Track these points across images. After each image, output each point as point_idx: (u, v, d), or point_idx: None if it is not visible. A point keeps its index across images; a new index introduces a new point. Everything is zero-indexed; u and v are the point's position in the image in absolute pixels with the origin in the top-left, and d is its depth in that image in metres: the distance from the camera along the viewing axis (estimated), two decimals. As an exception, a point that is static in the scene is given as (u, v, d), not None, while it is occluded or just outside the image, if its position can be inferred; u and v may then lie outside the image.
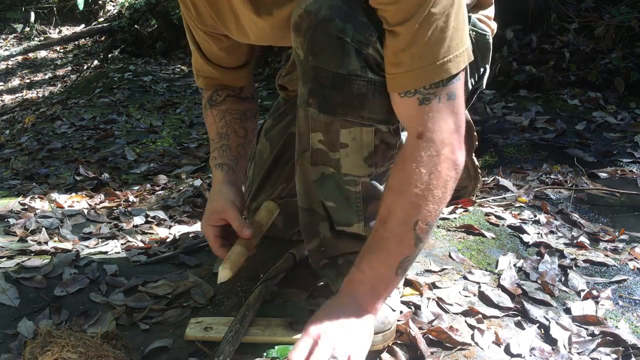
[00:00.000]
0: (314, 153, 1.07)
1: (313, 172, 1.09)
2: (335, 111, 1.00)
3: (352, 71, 0.97)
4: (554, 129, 2.46)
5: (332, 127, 1.02)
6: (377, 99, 0.99)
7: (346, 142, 1.03)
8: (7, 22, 8.00)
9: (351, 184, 1.07)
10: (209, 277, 1.38)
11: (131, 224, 1.81)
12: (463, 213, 1.69)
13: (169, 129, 3.39)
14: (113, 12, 7.27)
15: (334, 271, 1.18)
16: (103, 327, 1.17)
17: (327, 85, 0.98)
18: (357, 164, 1.05)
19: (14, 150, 3.22)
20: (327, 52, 0.96)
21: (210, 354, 1.10)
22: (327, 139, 1.04)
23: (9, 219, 1.84)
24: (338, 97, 0.99)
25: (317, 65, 0.98)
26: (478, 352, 1.12)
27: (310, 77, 0.99)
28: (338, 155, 1.05)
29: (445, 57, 0.94)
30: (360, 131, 1.02)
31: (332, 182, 1.08)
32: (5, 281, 1.34)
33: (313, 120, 1.04)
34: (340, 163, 1.06)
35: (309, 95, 1.01)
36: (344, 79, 0.97)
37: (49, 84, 5.77)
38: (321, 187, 1.09)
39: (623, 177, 2.06)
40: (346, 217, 1.11)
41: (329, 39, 0.96)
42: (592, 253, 1.54)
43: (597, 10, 3.25)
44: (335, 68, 0.96)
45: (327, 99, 0.99)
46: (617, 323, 1.26)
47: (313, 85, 1.00)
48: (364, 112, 1.00)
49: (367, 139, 1.03)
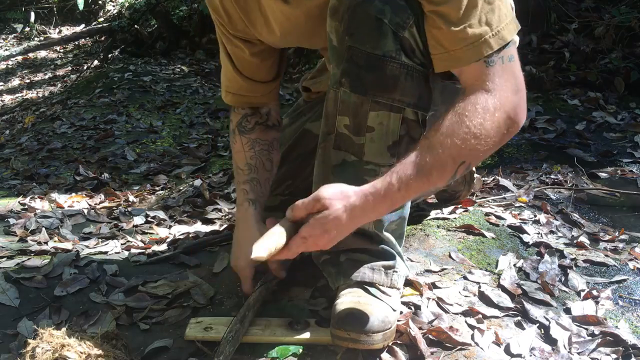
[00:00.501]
0: (337, 137, 1.09)
1: (334, 157, 1.11)
2: (366, 91, 1.02)
3: (387, 52, 0.99)
4: (554, 129, 2.45)
5: (361, 108, 1.04)
6: (409, 82, 1.02)
7: (373, 125, 1.05)
8: (7, 22, 8.01)
9: (371, 174, 1.08)
10: (209, 277, 1.38)
11: (131, 224, 1.82)
12: (463, 213, 1.69)
13: (169, 129, 3.39)
14: (113, 12, 7.27)
15: (335, 268, 1.18)
16: (103, 327, 1.17)
17: (362, 65, 1.01)
18: (380, 151, 1.07)
19: (14, 150, 3.23)
20: (364, 33, 0.99)
21: (210, 354, 1.10)
22: (353, 122, 1.06)
23: (9, 219, 1.84)
24: (371, 77, 1.01)
25: (353, 45, 1.00)
26: (478, 352, 1.12)
27: (345, 58, 1.02)
28: (363, 140, 1.07)
29: (499, 26, 0.98)
30: (388, 116, 1.04)
31: (352, 170, 1.09)
32: (5, 281, 1.34)
33: (342, 102, 1.06)
34: (364, 149, 1.07)
35: (342, 75, 1.03)
36: (378, 60, 0.99)
37: (49, 84, 5.77)
38: (340, 173, 1.10)
39: (623, 177, 2.06)
40: None
41: (367, 20, 0.98)
42: (592, 253, 1.54)
43: (597, 10, 3.24)
44: (371, 48, 0.99)
45: (360, 78, 1.02)
46: (617, 323, 1.26)
47: (347, 65, 1.02)
48: (395, 94, 1.02)
49: (394, 126, 1.05)
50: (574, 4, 3.36)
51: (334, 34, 1.04)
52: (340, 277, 1.16)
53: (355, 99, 1.04)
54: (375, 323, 1.05)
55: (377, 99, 1.03)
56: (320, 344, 1.12)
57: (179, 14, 5.98)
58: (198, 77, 4.89)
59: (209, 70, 5.24)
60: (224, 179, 2.31)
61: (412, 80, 1.02)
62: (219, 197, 2.04)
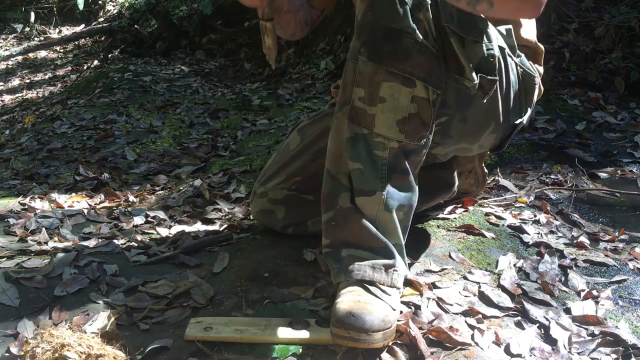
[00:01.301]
0: (352, 109, 1.15)
1: (348, 129, 1.16)
2: (382, 60, 1.10)
3: (403, 27, 1.09)
4: (554, 129, 2.45)
5: (375, 77, 1.11)
6: (421, 57, 1.11)
7: (384, 96, 1.12)
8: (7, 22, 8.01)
9: (380, 148, 1.14)
10: (209, 277, 1.38)
11: (131, 224, 1.82)
12: (463, 213, 1.69)
13: (169, 129, 3.39)
14: (113, 12, 7.28)
15: (337, 264, 1.19)
16: (103, 327, 1.17)
17: (380, 36, 1.10)
18: (389, 124, 1.13)
19: (14, 150, 3.23)
20: (384, 7, 1.09)
21: (211, 354, 1.10)
22: (368, 91, 1.12)
23: (9, 219, 1.84)
24: (387, 48, 1.10)
25: (375, 19, 1.10)
26: (478, 352, 1.12)
27: (366, 29, 1.11)
28: (374, 111, 1.13)
29: None
30: (399, 89, 1.11)
31: (363, 143, 1.15)
32: (5, 281, 1.34)
33: (359, 74, 1.13)
34: (375, 121, 1.13)
35: (361, 45, 1.12)
36: (395, 33, 1.09)
37: (49, 84, 5.77)
38: (352, 146, 1.16)
39: (623, 177, 2.06)
40: (370, 182, 1.15)
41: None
42: (592, 253, 1.54)
43: (597, 10, 3.24)
44: (389, 22, 1.09)
45: (377, 48, 1.11)
46: (617, 323, 1.26)
47: (367, 37, 1.12)
48: (406, 66, 1.10)
49: (404, 101, 1.12)
50: (574, 4, 3.36)
51: (360, 10, 1.13)
52: (341, 273, 1.17)
53: (371, 68, 1.11)
54: (375, 322, 1.06)
55: (390, 68, 1.10)
56: (320, 344, 1.12)
57: (179, 14, 5.98)
58: (198, 77, 4.89)
59: (209, 70, 5.24)
60: (224, 179, 2.31)
61: (424, 56, 1.11)
62: (219, 197, 2.04)
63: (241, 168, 2.43)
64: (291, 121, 3.25)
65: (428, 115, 1.15)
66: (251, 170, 2.37)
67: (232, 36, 5.60)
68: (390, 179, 1.16)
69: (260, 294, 1.30)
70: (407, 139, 1.15)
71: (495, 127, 1.35)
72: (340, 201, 1.18)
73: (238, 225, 1.69)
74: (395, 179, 1.17)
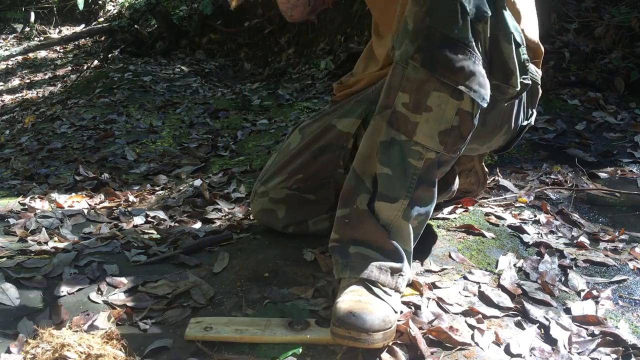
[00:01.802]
0: (393, 113, 1.13)
1: (385, 132, 1.14)
2: (435, 69, 1.08)
3: (462, 38, 1.07)
4: (554, 129, 2.45)
5: (425, 86, 1.09)
6: (475, 70, 1.09)
7: (432, 105, 1.10)
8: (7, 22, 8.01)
9: (416, 156, 1.13)
10: (209, 277, 1.38)
11: (131, 224, 1.81)
12: (463, 213, 1.69)
13: (169, 129, 3.39)
14: (113, 12, 7.28)
15: (343, 259, 1.18)
16: (103, 327, 1.17)
17: (437, 44, 1.07)
18: (431, 133, 1.11)
19: (14, 150, 3.22)
20: (445, 15, 1.06)
21: (211, 354, 1.10)
22: (414, 99, 1.10)
23: (9, 219, 1.84)
24: (442, 57, 1.07)
25: (432, 26, 1.07)
26: (478, 352, 1.12)
27: (423, 35, 1.08)
28: (418, 119, 1.11)
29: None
30: (447, 100, 1.09)
31: (398, 149, 1.13)
32: (5, 281, 1.34)
33: (407, 79, 1.10)
34: (417, 129, 1.11)
35: (415, 51, 1.08)
36: (453, 43, 1.06)
37: (49, 84, 5.77)
38: (385, 150, 1.14)
39: (623, 177, 2.06)
40: (396, 190, 1.15)
41: (450, 3, 1.05)
42: (592, 253, 1.54)
43: (597, 10, 3.24)
44: (447, 30, 1.06)
45: (432, 56, 1.07)
46: (617, 323, 1.26)
47: (423, 43, 1.08)
48: (459, 78, 1.08)
49: (449, 113, 1.10)
50: (574, 4, 3.36)
51: (411, 18, 1.10)
52: (346, 269, 1.17)
53: (422, 75, 1.08)
54: (376, 322, 1.06)
55: (443, 78, 1.08)
56: (320, 344, 1.12)
57: (179, 14, 5.98)
58: (198, 77, 4.89)
59: (209, 70, 5.24)
60: (224, 179, 2.31)
61: (477, 69, 1.09)
62: (219, 197, 2.04)
63: (241, 168, 2.43)
64: (291, 121, 3.25)
65: (468, 129, 1.14)
66: (251, 170, 2.37)
67: (232, 36, 5.60)
68: (417, 189, 1.15)
69: (260, 294, 1.30)
70: (445, 151, 1.14)
71: (507, 129, 1.36)
72: (358, 201, 1.17)
73: (238, 225, 1.69)
74: (421, 189, 1.16)
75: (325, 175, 1.49)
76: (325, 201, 1.51)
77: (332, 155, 1.47)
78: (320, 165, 1.48)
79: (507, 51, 1.17)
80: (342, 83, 1.60)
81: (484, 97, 1.11)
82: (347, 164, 1.49)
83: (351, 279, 1.16)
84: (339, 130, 1.47)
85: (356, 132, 1.47)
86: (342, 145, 1.47)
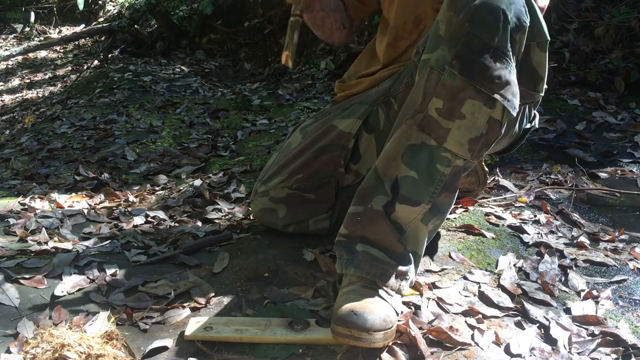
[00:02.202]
0: (425, 118, 1.12)
1: (415, 136, 1.13)
2: (474, 77, 1.07)
3: (501, 47, 1.06)
4: (554, 129, 2.45)
5: (461, 93, 1.08)
6: (510, 79, 1.09)
7: (465, 113, 1.09)
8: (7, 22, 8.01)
9: (444, 163, 1.13)
10: (209, 277, 1.38)
11: (131, 224, 1.81)
12: (463, 213, 1.69)
13: (169, 129, 3.39)
14: (113, 12, 7.28)
15: (348, 255, 1.18)
16: (103, 327, 1.17)
17: (476, 52, 1.06)
18: (462, 141, 1.11)
19: (14, 150, 3.22)
20: (486, 22, 1.06)
21: (211, 354, 1.10)
22: (448, 105, 1.09)
23: (9, 219, 1.84)
24: (481, 65, 1.07)
25: (472, 32, 1.06)
26: (478, 352, 1.12)
27: (462, 42, 1.07)
28: (450, 125, 1.10)
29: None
30: (480, 109, 1.09)
31: (427, 154, 1.13)
32: (5, 281, 1.34)
33: (442, 85, 1.09)
34: (448, 136, 1.11)
35: (454, 57, 1.08)
36: (492, 51, 1.06)
37: (49, 84, 5.77)
38: (414, 153, 1.13)
39: (623, 177, 2.06)
40: (419, 194, 1.14)
41: (493, 11, 1.05)
42: (592, 253, 1.54)
43: (597, 10, 3.24)
44: (489, 39, 1.06)
45: (471, 63, 1.07)
46: (617, 323, 1.26)
47: (462, 49, 1.07)
48: (495, 87, 1.08)
49: (481, 120, 1.10)
50: (574, 4, 3.36)
51: (444, 22, 1.10)
52: (350, 266, 1.17)
53: (459, 82, 1.08)
54: (377, 321, 1.06)
55: (480, 87, 1.07)
56: (320, 344, 1.12)
57: (179, 14, 5.98)
58: (198, 77, 4.88)
59: (209, 70, 5.24)
60: (224, 179, 2.31)
61: (512, 78, 1.09)
62: (219, 197, 2.04)
63: (241, 168, 2.43)
64: (291, 121, 3.25)
65: (495, 137, 1.14)
66: (251, 170, 2.37)
67: (232, 36, 5.60)
68: (440, 195, 1.15)
69: (260, 294, 1.30)
70: (471, 158, 1.14)
71: (512, 132, 1.37)
72: (373, 202, 1.17)
73: (238, 225, 1.69)
74: (444, 195, 1.16)
75: (326, 174, 1.49)
76: (325, 200, 1.51)
77: (332, 154, 1.48)
78: (320, 164, 1.48)
79: (539, 58, 1.17)
80: (344, 82, 1.60)
81: (515, 106, 1.11)
82: (347, 164, 1.49)
83: (354, 277, 1.16)
84: (340, 131, 1.48)
85: (357, 132, 1.47)
86: (342, 145, 1.47)
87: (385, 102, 1.46)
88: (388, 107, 1.46)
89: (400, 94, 1.43)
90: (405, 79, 1.42)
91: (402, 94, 1.42)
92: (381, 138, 1.46)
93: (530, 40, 1.13)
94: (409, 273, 1.17)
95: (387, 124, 1.45)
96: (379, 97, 1.47)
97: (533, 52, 1.16)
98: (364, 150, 1.48)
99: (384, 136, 1.46)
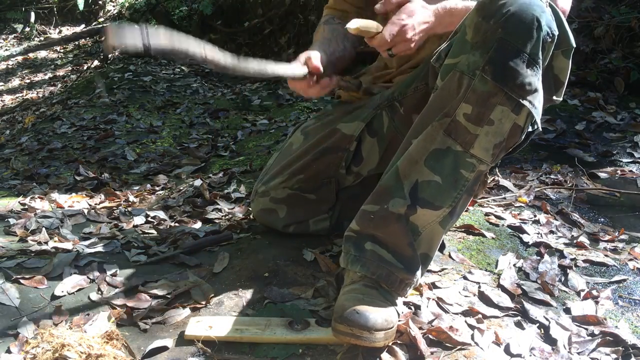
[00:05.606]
0: (452, 122, 1.12)
1: (440, 140, 1.13)
2: (506, 83, 1.07)
3: (532, 54, 1.06)
4: (554, 129, 2.45)
5: (491, 99, 1.08)
6: (538, 86, 1.09)
7: (494, 119, 1.09)
8: (7, 22, 8.00)
9: (469, 168, 1.13)
10: (209, 277, 1.38)
11: (131, 224, 1.81)
12: (463, 213, 1.69)
13: (169, 129, 3.39)
14: (113, 12, 7.28)
15: (356, 252, 1.17)
16: (103, 327, 1.17)
17: (509, 57, 1.06)
18: (488, 146, 1.12)
19: (14, 150, 3.22)
20: (519, 29, 1.06)
21: (211, 354, 1.10)
22: (477, 111, 1.09)
23: (9, 219, 1.84)
24: (513, 72, 1.07)
25: (505, 38, 1.06)
26: (478, 352, 1.12)
27: (494, 47, 1.07)
28: (479, 132, 1.10)
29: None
30: (508, 114, 1.09)
31: (452, 159, 1.13)
32: (5, 281, 1.34)
33: (472, 90, 1.09)
34: (475, 142, 1.11)
35: (486, 63, 1.08)
36: (524, 58, 1.06)
37: (49, 84, 5.77)
38: (438, 158, 1.13)
39: (623, 177, 2.06)
40: (442, 198, 1.14)
41: (527, 18, 1.05)
42: (592, 253, 1.54)
43: (597, 10, 3.24)
44: (521, 45, 1.06)
45: (504, 69, 1.07)
46: (617, 323, 1.26)
47: (495, 55, 1.07)
48: (525, 93, 1.08)
49: (506, 126, 1.10)
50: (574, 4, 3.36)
51: (472, 28, 1.10)
52: (357, 263, 1.16)
53: (491, 87, 1.08)
54: (378, 321, 1.06)
55: (511, 93, 1.07)
56: (320, 344, 1.13)
57: (179, 14, 5.98)
58: (198, 77, 4.88)
59: (209, 70, 5.24)
60: (224, 179, 2.31)
61: (540, 86, 1.10)
62: (219, 197, 2.04)
63: (241, 168, 2.43)
64: (291, 121, 3.25)
65: (514, 142, 1.15)
66: (251, 170, 2.37)
67: (232, 36, 5.60)
68: (461, 199, 1.16)
69: (260, 294, 1.30)
70: (492, 162, 1.15)
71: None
72: (390, 203, 1.16)
73: (238, 225, 1.69)
74: (464, 199, 1.17)
75: (327, 175, 1.49)
76: (326, 201, 1.51)
77: (334, 156, 1.48)
78: (322, 165, 1.48)
79: (562, 65, 1.17)
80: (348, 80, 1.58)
81: (539, 114, 1.12)
82: (349, 165, 1.49)
83: (358, 275, 1.16)
84: (342, 133, 1.47)
85: (360, 135, 1.47)
86: (345, 147, 1.47)
87: (389, 106, 1.46)
88: (393, 111, 1.45)
89: (408, 98, 1.42)
90: (415, 83, 1.41)
91: (409, 98, 1.42)
92: (384, 142, 1.46)
93: (556, 49, 1.13)
94: (414, 278, 1.17)
95: (391, 128, 1.45)
96: (382, 102, 1.47)
97: (556, 59, 1.16)
98: (366, 153, 1.48)
99: (387, 140, 1.45)
